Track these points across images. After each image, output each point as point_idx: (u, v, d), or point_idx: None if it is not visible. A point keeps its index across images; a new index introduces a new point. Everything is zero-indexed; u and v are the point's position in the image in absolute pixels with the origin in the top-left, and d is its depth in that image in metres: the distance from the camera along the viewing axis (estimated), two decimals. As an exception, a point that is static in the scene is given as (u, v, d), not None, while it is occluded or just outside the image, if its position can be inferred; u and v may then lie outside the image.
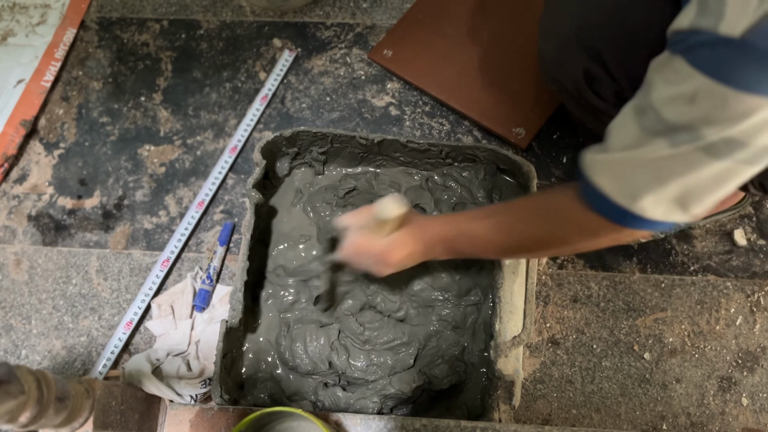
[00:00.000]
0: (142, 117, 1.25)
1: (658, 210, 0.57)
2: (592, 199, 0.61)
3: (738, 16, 0.45)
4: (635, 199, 0.57)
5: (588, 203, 0.62)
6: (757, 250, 1.09)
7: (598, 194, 0.60)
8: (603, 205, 0.60)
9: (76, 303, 1.11)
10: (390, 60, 1.23)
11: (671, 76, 0.52)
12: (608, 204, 0.60)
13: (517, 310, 0.91)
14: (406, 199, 0.79)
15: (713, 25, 0.47)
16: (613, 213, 0.60)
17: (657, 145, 0.53)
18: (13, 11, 1.34)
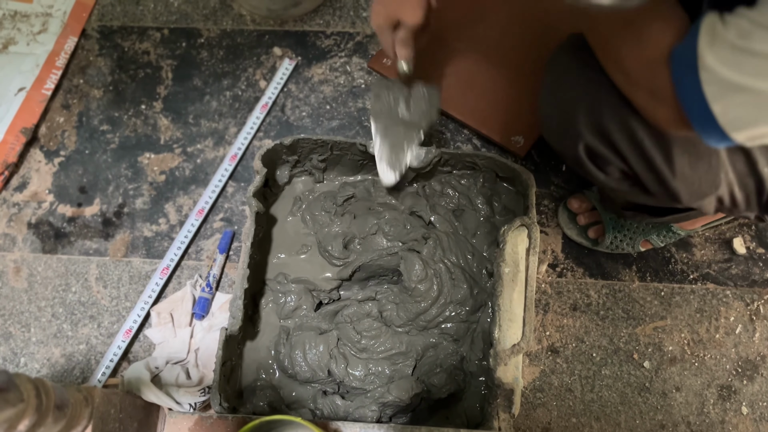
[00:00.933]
0: (143, 125, 1.25)
1: (731, 117, 0.52)
2: (679, 66, 0.54)
3: None
4: (724, 96, 0.51)
5: (672, 74, 0.55)
6: (756, 259, 1.09)
7: (692, 67, 0.52)
8: (686, 83, 0.53)
9: (75, 311, 1.11)
10: (389, 68, 1.23)
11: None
12: (695, 87, 0.52)
13: (516, 318, 0.91)
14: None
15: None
16: (691, 100, 0.54)
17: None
18: (14, 20, 1.35)
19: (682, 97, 0.54)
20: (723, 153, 0.67)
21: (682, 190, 0.70)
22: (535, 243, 0.92)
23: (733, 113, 0.51)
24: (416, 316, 1.00)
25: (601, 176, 0.76)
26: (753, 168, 0.68)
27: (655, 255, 1.10)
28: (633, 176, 0.74)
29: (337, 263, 1.05)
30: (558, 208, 1.13)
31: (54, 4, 1.35)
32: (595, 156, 0.73)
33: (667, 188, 0.71)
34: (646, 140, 0.67)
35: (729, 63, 0.50)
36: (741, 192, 0.72)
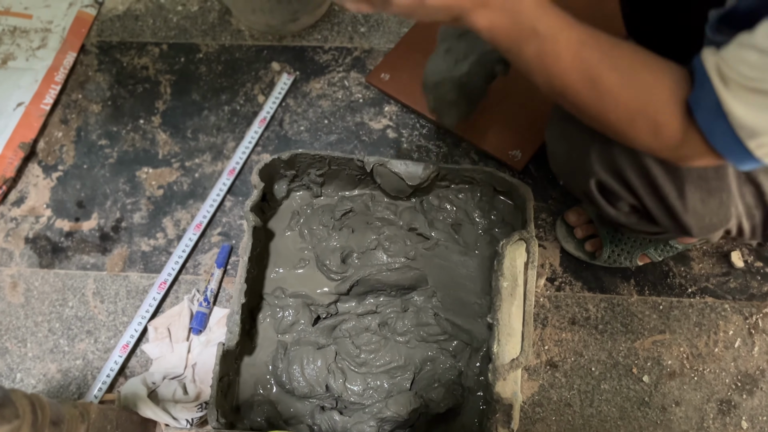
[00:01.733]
0: (141, 140, 1.25)
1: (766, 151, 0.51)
2: (704, 115, 0.53)
3: None
4: (758, 136, 0.50)
5: (695, 116, 0.53)
6: (754, 272, 1.09)
7: (717, 113, 0.51)
8: (716, 131, 0.52)
9: (72, 326, 1.10)
10: (387, 83, 1.24)
11: None
12: (727, 133, 0.51)
13: (515, 332, 0.90)
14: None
15: None
16: (723, 141, 0.52)
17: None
18: (13, 35, 1.35)
19: (714, 143, 0.53)
20: (734, 187, 0.67)
21: (693, 224, 0.70)
22: (534, 257, 0.92)
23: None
24: (418, 326, 1.00)
25: (612, 211, 0.76)
26: (761, 199, 0.69)
27: (653, 269, 1.10)
28: (643, 210, 0.73)
29: (335, 277, 1.05)
30: (556, 222, 1.13)
31: (53, 19, 1.36)
32: (606, 191, 0.73)
33: (677, 223, 0.71)
34: (660, 177, 0.66)
35: (756, 106, 0.49)
36: (748, 223, 0.72)
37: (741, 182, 0.67)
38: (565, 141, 0.74)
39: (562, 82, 0.59)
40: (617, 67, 0.56)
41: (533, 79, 0.61)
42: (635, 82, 0.56)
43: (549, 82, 0.60)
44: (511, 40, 0.58)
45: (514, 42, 0.58)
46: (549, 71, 0.58)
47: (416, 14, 0.59)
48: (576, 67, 0.57)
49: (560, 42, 0.57)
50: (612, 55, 0.57)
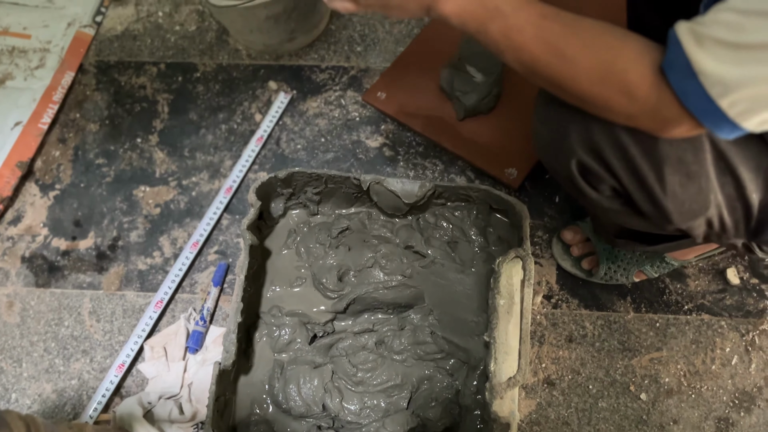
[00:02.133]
0: (138, 158, 1.26)
1: (741, 109, 0.52)
2: (676, 75, 0.54)
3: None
4: (731, 92, 0.51)
5: (668, 79, 0.55)
6: (750, 289, 1.09)
7: (688, 72, 0.52)
8: (689, 90, 0.53)
9: (67, 345, 1.10)
10: (384, 102, 1.24)
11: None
12: (699, 92, 0.52)
13: (512, 350, 0.90)
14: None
15: None
16: (696, 102, 0.54)
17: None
18: (12, 55, 1.36)
19: (689, 105, 0.55)
20: (713, 175, 0.68)
21: (673, 209, 0.71)
22: (530, 275, 0.92)
23: (741, 106, 0.52)
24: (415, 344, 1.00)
25: (593, 194, 0.77)
26: (741, 192, 0.69)
27: (650, 286, 1.10)
28: (625, 194, 0.74)
29: (331, 296, 1.05)
30: (552, 240, 1.13)
31: (52, 39, 1.37)
32: (588, 173, 0.74)
33: (658, 207, 0.72)
34: (638, 157, 0.67)
35: (728, 61, 0.50)
36: (730, 216, 0.72)
37: (720, 172, 0.68)
38: (547, 124, 0.75)
39: (530, 56, 0.62)
40: (579, 35, 0.60)
41: (504, 58, 0.65)
42: (598, 46, 0.59)
43: (518, 57, 0.63)
44: (479, 21, 0.63)
45: (482, 23, 0.63)
46: (515, 45, 0.62)
47: (390, 8, 0.66)
48: (539, 37, 0.61)
49: (521, 16, 0.61)
50: (573, 25, 0.60)
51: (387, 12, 0.69)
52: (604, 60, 0.59)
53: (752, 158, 0.67)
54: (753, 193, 0.69)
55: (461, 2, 0.63)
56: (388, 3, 0.67)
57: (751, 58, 0.50)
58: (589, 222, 1.10)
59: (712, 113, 0.54)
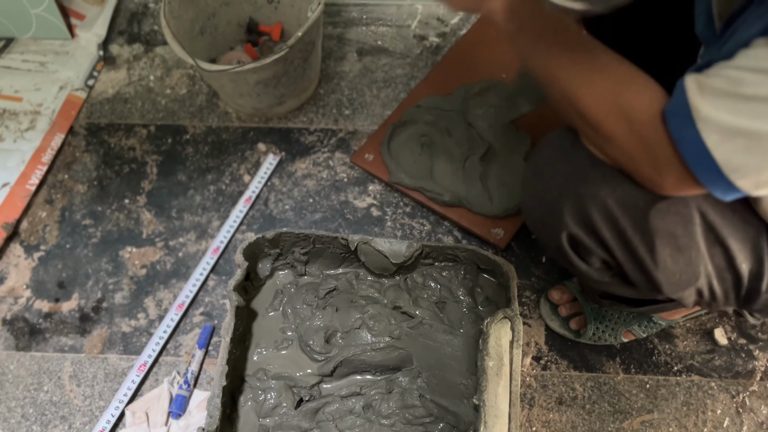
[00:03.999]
0: (126, 219, 1.26)
1: (735, 164, 0.53)
2: (676, 122, 0.56)
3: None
4: (725, 143, 0.52)
5: (667, 125, 0.57)
6: (738, 350, 1.09)
7: (688, 121, 0.54)
8: (686, 137, 0.55)
9: (46, 411, 1.07)
10: (371, 163, 1.26)
11: None
12: (695, 140, 0.54)
13: (502, 414, 0.89)
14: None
15: None
16: (694, 153, 0.55)
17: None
18: (2, 117, 1.37)
19: (684, 152, 0.56)
20: (702, 246, 0.69)
21: (664, 280, 0.71)
22: (519, 336, 0.91)
23: (736, 160, 0.53)
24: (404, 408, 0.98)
25: (583, 266, 0.77)
26: (731, 263, 0.70)
27: (638, 346, 1.09)
28: (615, 266, 0.75)
29: (318, 358, 1.04)
30: (540, 300, 1.13)
31: (43, 102, 1.39)
32: (578, 246, 0.74)
33: (649, 279, 0.72)
34: (630, 230, 0.68)
35: (725, 109, 0.52)
36: (720, 286, 0.73)
37: (710, 243, 0.69)
38: (538, 196, 0.76)
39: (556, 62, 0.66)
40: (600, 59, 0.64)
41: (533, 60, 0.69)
42: (615, 73, 0.62)
43: (546, 62, 0.67)
44: (521, 19, 0.67)
45: (523, 22, 0.67)
46: (548, 50, 0.66)
47: None
48: (571, 46, 0.65)
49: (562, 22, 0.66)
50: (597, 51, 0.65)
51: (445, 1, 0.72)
52: (618, 85, 0.61)
53: (741, 229, 0.68)
54: (743, 263, 0.70)
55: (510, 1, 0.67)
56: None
57: (748, 111, 0.51)
58: (576, 282, 1.11)
59: (706, 164, 0.55)
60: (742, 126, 0.52)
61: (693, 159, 0.56)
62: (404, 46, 1.46)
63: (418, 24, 1.49)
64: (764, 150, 0.52)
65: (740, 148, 0.52)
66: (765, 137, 0.51)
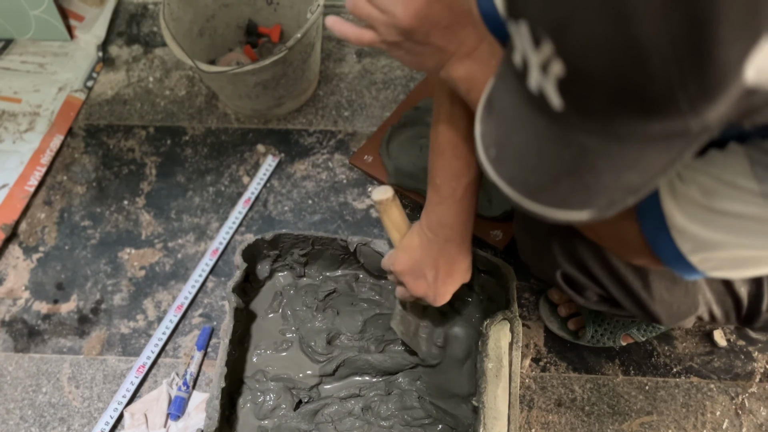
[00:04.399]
0: (124, 220, 1.26)
1: (710, 266, 0.52)
2: (648, 224, 0.55)
3: None
4: (700, 251, 0.52)
5: (641, 226, 0.55)
6: (737, 351, 1.09)
7: (661, 224, 0.53)
8: (659, 240, 0.54)
9: (44, 413, 1.07)
10: (370, 165, 1.26)
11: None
12: (669, 245, 0.53)
13: (501, 416, 0.89)
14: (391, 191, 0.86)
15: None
16: (669, 254, 0.54)
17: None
18: (1, 119, 1.37)
19: (658, 251, 0.55)
20: None
21: (662, 312, 0.71)
22: (518, 337, 0.91)
23: (711, 264, 0.52)
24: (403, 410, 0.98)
25: (580, 300, 0.77)
26: (730, 288, 0.69)
27: (638, 348, 1.09)
28: (611, 300, 0.74)
29: (319, 359, 1.04)
30: (539, 301, 1.13)
31: (42, 103, 1.39)
32: (573, 282, 0.74)
33: (646, 312, 0.71)
34: (623, 269, 0.67)
35: (699, 221, 0.50)
36: (720, 309, 0.72)
37: None
38: (529, 232, 0.75)
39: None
40: None
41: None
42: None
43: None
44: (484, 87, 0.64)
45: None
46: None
47: (409, 52, 0.64)
48: None
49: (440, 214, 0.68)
50: None
51: (402, 59, 0.66)
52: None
53: None
54: (741, 287, 0.69)
55: (472, 68, 0.62)
56: (411, 50, 0.64)
57: (722, 226, 0.49)
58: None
59: (681, 263, 0.54)
60: (717, 239, 0.50)
61: (667, 256, 0.55)
62: (403, 47, 1.46)
63: (418, 26, 1.49)
64: (739, 261, 0.51)
65: (716, 256, 0.52)
66: (739, 249, 0.50)
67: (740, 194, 0.47)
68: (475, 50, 0.62)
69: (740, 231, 0.48)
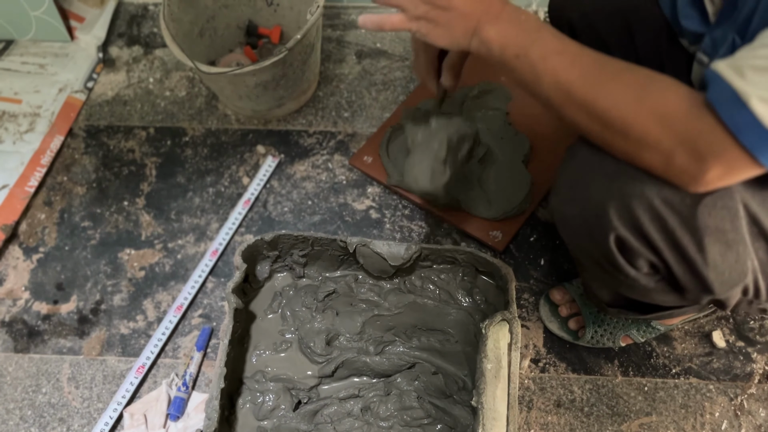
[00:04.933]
0: (124, 221, 1.26)
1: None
2: (726, 108, 0.54)
3: None
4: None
5: (719, 113, 0.55)
6: (736, 352, 1.09)
7: (738, 104, 0.53)
8: (741, 121, 0.53)
9: (44, 413, 1.07)
10: (370, 166, 1.26)
11: None
12: (752, 123, 0.53)
13: (500, 416, 0.89)
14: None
15: None
16: (754, 134, 0.53)
17: None
18: (1, 119, 1.37)
19: (742, 135, 0.55)
20: (748, 240, 0.67)
21: (715, 279, 0.69)
22: (517, 338, 0.91)
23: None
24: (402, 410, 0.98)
25: (632, 271, 0.74)
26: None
27: (637, 349, 1.10)
28: (663, 269, 0.73)
29: (319, 360, 1.04)
30: (539, 302, 1.13)
31: (43, 104, 1.39)
32: (626, 250, 0.72)
33: (699, 279, 0.70)
34: (678, 229, 0.66)
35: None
36: (764, 281, 0.71)
37: (754, 237, 0.68)
38: (578, 203, 0.73)
39: (567, 79, 0.64)
40: (614, 65, 0.63)
41: (540, 84, 0.67)
42: (634, 75, 0.61)
43: (555, 80, 0.65)
44: (520, 46, 0.66)
45: (523, 47, 0.66)
46: (554, 69, 0.65)
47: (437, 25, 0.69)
48: (577, 62, 0.64)
49: (561, 42, 0.65)
50: (608, 58, 0.64)
51: (431, 34, 0.70)
52: (640, 87, 0.61)
53: None
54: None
55: (504, 27, 0.66)
56: (437, 20, 0.69)
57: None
58: (576, 285, 1.11)
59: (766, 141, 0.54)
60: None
61: (753, 139, 0.54)
62: (403, 48, 1.46)
63: (417, 27, 1.49)
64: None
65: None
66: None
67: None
68: (502, 11, 0.67)
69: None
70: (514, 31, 0.66)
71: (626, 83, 0.62)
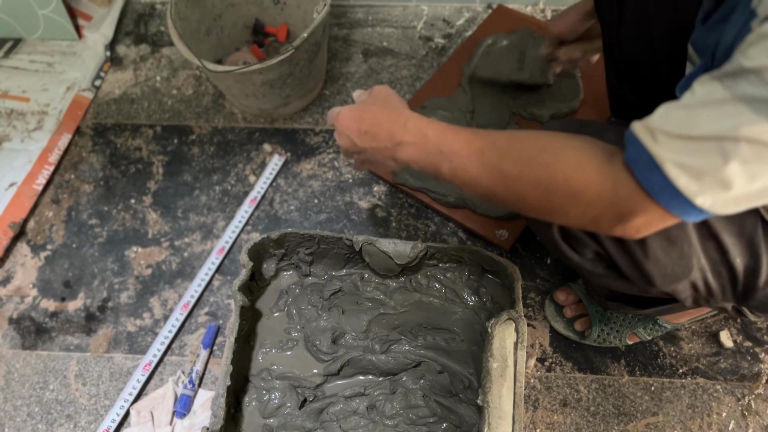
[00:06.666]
0: (131, 219, 1.26)
1: (709, 200, 0.52)
2: (642, 170, 0.55)
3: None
4: (705, 186, 0.52)
5: (634, 174, 0.56)
6: (744, 352, 1.09)
7: (652, 166, 0.53)
8: (655, 182, 0.54)
9: (51, 410, 1.07)
10: (376, 164, 1.26)
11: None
12: (665, 184, 0.53)
13: (506, 415, 0.89)
14: None
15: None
16: (667, 195, 0.54)
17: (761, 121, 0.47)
18: (10, 117, 1.38)
19: (657, 196, 0.55)
20: (695, 239, 0.68)
21: (656, 272, 0.71)
22: (523, 337, 0.91)
23: (709, 196, 0.52)
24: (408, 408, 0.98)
25: (575, 257, 0.77)
26: (725, 257, 0.70)
27: (643, 348, 1.09)
28: (607, 258, 0.74)
29: (325, 358, 1.04)
30: (545, 301, 1.13)
31: (51, 102, 1.40)
32: (570, 237, 0.75)
33: (640, 270, 0.72)
34: None
35: (685, 152, 0.51)
36: (715, 280, 0.72)
37: (702, 237, 0.68)
38: None
39: (481, 187, 0.67)
40: (515, 159, 0.64)
41: (463, 187, 0.70)
42: (536, 164, 0.62)
43: (471, 189, 0.69)
44: (429, 163, 0.70)
45: (431, 164, 0.70)
46: (464, 181, 0.68)
47: (373, 164, 0.78)
48: (482, 172, 0.66)
49: (463, 156, 0.67)
50: (509, 151, 0.65)
51: (373, 170, 0.80)
52: (544, 176, 0.62)
53: (735, 224, 0.68)
54: (737, 258, 0.70)
55: (411, 150, 0.71)
56: (368, 159, 0.77)
57: (705, 149, 0.50)
58: (581, 284, 1.10)
59: (681, 203, 0.54)
60: (706, 164, 0.51)
61: (667, 198, 0.55)
62: (410, 47, 1.46)
63: (424, 25, 1.49)
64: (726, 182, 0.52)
65: (710, 182, 0.52)
66: (728, 171, 0.50)
67: (714, 108, 0.50)
68: (404, 134, 0.71)
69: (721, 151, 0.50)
70: (419, 153, 0.70)
71: (532, 174, 0.63)
